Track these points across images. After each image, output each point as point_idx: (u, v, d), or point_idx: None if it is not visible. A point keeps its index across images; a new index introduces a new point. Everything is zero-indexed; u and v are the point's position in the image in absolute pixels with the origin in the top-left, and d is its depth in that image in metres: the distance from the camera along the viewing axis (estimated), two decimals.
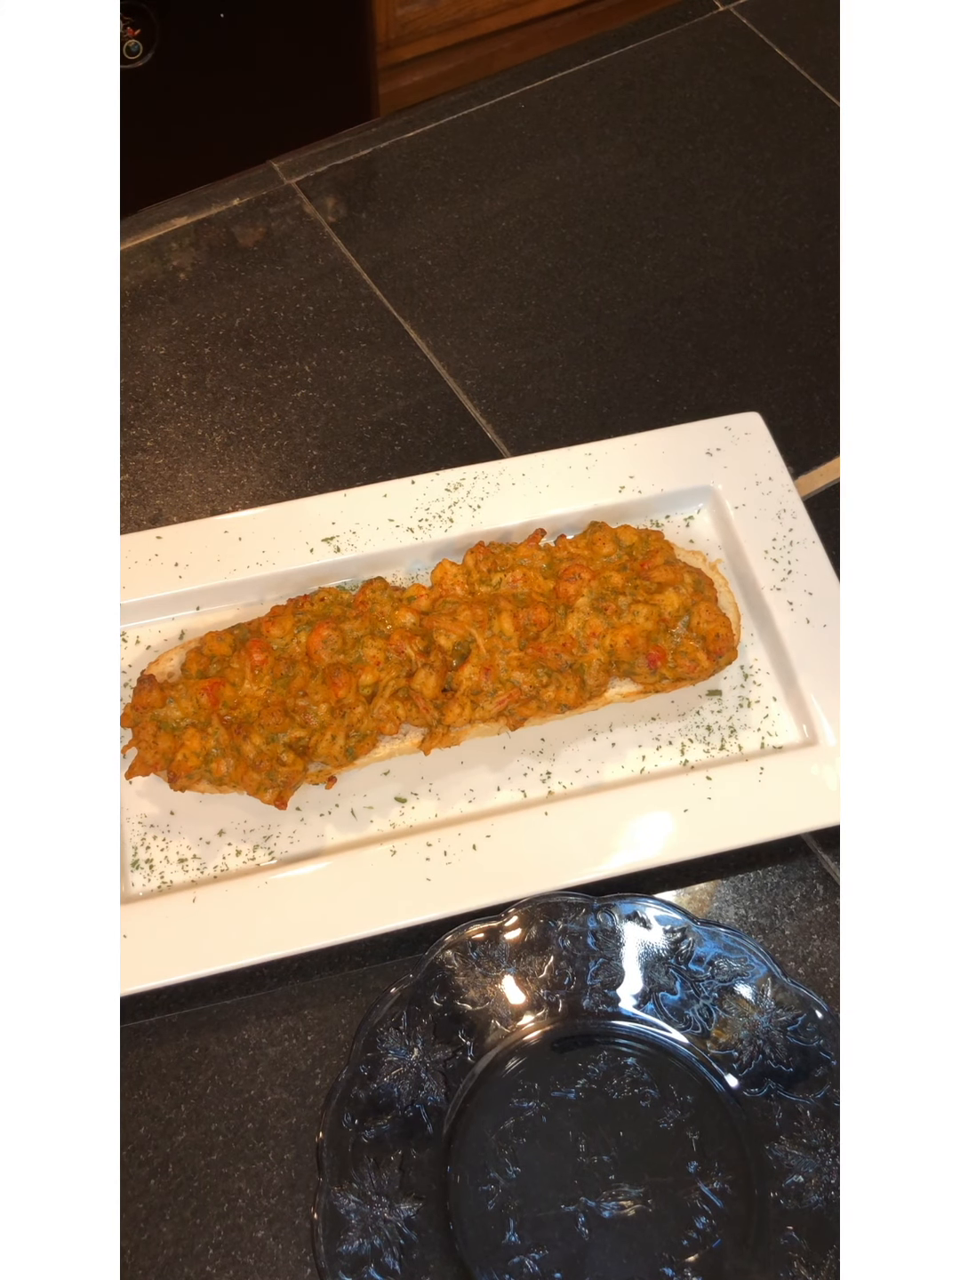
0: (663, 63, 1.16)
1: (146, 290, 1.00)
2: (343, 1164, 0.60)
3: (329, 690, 0.69)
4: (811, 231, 1.04)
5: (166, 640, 0.79)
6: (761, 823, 0.70)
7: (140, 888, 0.71)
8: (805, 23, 1.18)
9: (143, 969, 0.65)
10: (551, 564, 0.76)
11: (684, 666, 0.72)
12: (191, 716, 0.70)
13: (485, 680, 0.70)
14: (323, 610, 0.73)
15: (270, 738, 0.68)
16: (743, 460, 0.84)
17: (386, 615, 0.73)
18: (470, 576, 0.75)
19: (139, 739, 0.69)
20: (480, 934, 0.66)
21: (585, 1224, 0.61)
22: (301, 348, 0.97)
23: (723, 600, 0.77)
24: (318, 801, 0.73)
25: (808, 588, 0.79)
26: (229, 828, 0.73)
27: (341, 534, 0.81)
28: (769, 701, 0.77)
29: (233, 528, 0.81)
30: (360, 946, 0.70)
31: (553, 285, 1.01)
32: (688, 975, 0.66)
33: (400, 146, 1.11)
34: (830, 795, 0.71)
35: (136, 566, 0.79)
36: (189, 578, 0.79)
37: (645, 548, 0.76)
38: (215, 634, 0.73)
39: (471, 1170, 0.62)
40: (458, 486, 0.83)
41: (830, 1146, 0.62)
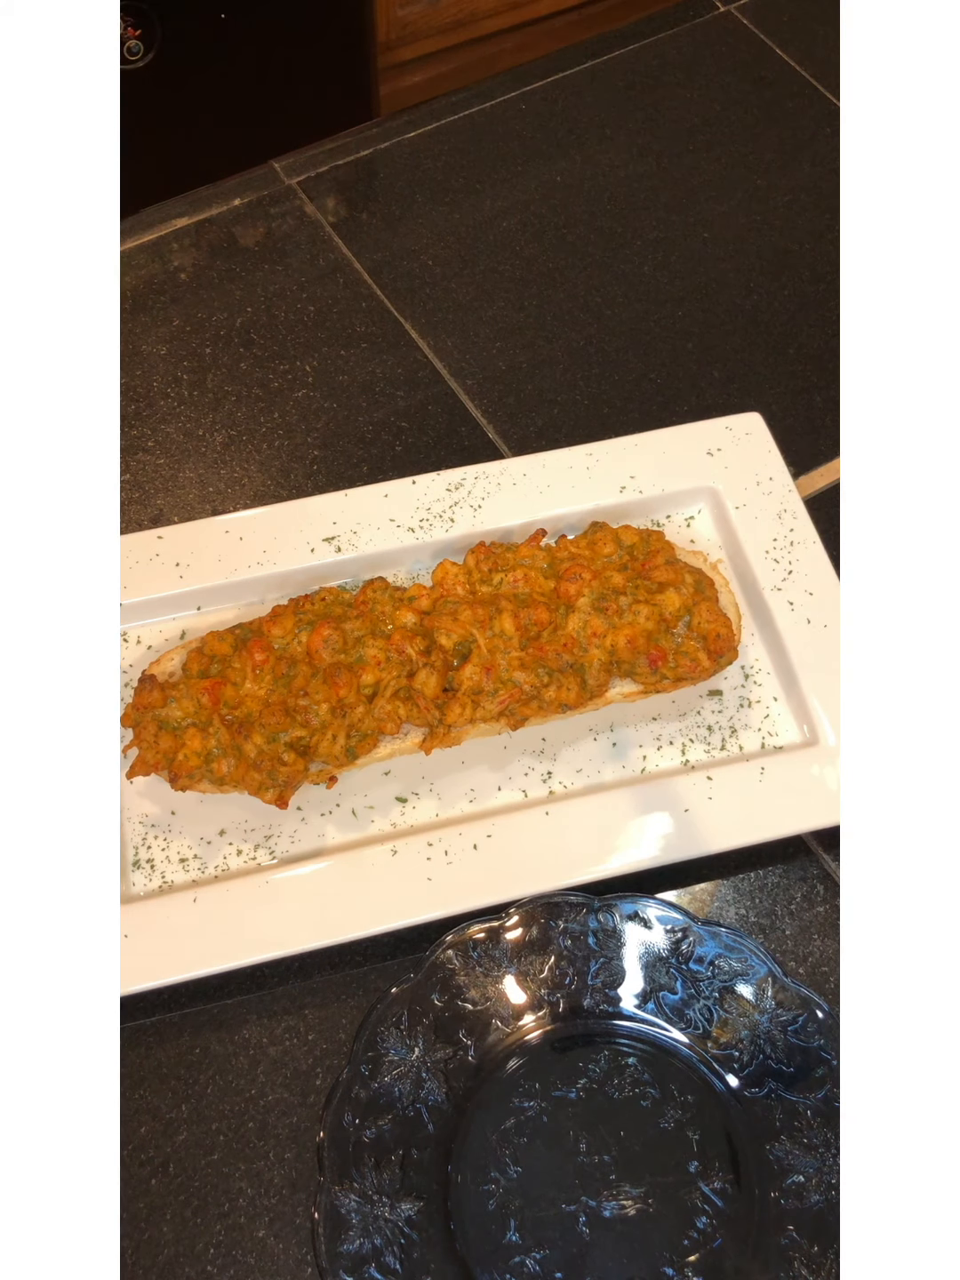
0: (664, 63, 1.16)
1: (147, 290, 1.01)
2: (344, 1163, 0.60)
3: (330, 690, 0.69)
4: (811, 231, 1.04)
5: (167, 640, 0.79)
6: (762, 823, 0.70)
7: (141, 887, 0.71)
8: (805, 23, 1.18)
9: (143, 969, 0.65)
10: (552, 564, 0.76)
11: (685, 666, 0.72)
12: (192, 716, 0.70)
13: (486, 680, 0.70)
14: (324, 610, 0.73)
15: (271, 737, 0.68)
16: (743, 460, 0.84)
17: (387, 615, 0.73)
18: (471, 576, 0.75)
19: (140, 739, 0.69)
20: (481, 934, 0.66)
21: (586, 1224, 0.61)
22: (302, 348, 0.97)
23: (723, 600, 0.77)
24: (319, 801, 0.73)
25: (808, 588, 0.79)
26: (230, 827, 0.73)
27: (343, 534, 0.81)
28: (770, 701, 0.77)
29: (234, 527, 0.81)
30: (361, 946, 0.70)
31: (553, 285, 1.01)
32: (688, 975, 0.66)
33: (401, 147, 1.11)
34: (830, 795, 0.71)
35: (138, 566, 0.79)
36: (190, 578, 0.79)
37: (646, 548, 0.77)
38: (216, 634, 0.73)
39: (472, 1170, 0.62)
40: (459, 486, 0.83)
41: (831, 1146, 0.62)
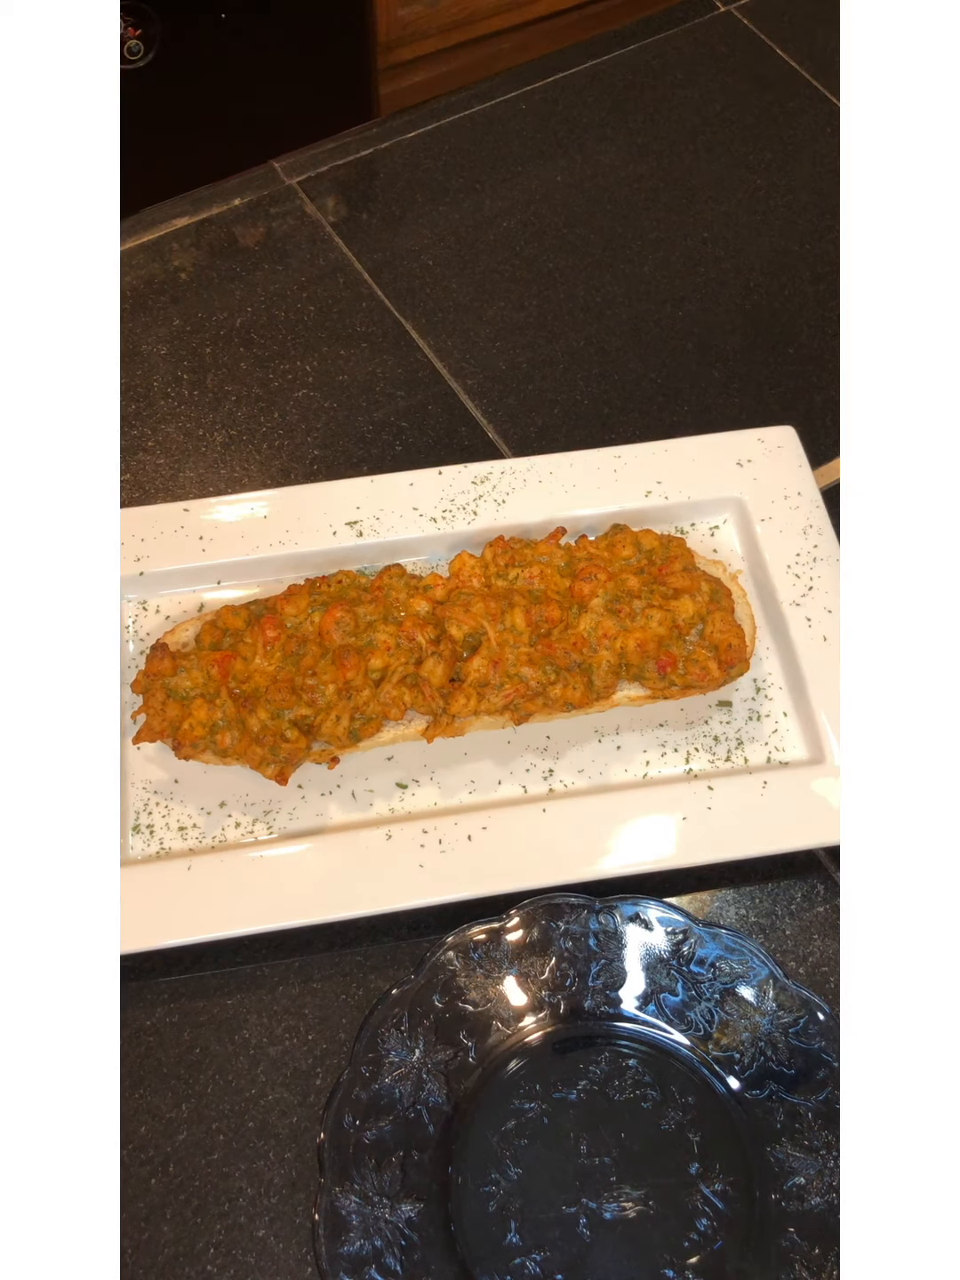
0: (664, 63, 1.16)
1: (148, 290, 1.00)
2: (344, 1165, 0.60)
3: (337, 671, 0.69)
4: (811, 231, 1.04)
5: (185, 612, 0.80)
6: (759, 837, 0.70)
7: (139, 852, 0.71)
8: (805, 23, 1.18)
9: (131, 933, 0.66)
10: (570, 563, 0.76)
11: (694, 674, 0.72)
12: (201, 687, 0.70)
13: (493, 673, 0.70)
14: (339, 592, 0.74)
15: (276, 713, 0.69)
16: (773, 473, 0.83)
17: (401, 602, 0.73)
18: (487, 570, 0.75)
19: (148, 705, 0.70)
20: (482, 935, 0.66)
21: (586, 1225, 0.61)
22: (302, 348, 0.97)
23: (740, 612, 0.76)
24: (320, 781, 0.74)
25: (827, 605, 0.78)
26: (231, 799, 0.73)
27: (365, 519, 0.81)
28: (779, 716, 0.77)
29: (258, 506, 0.81)
30: (362, 946, 0.70)
31: (554, 285, 1.01)
32: (689, 977, 0.66)
33: (401, 147, 1.11)
34: (831, 814, 0.70)
35: (161, 538, 0.80)
36: (212, 552, 0.80)
37: (665, 553, 0.76)
38: (230, 608, 0.74)
39: (473, 1171, 0.62)
40: (484, 480, 0.83)
41: (831, 1148, 0.62)
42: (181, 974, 0.69)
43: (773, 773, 0.72)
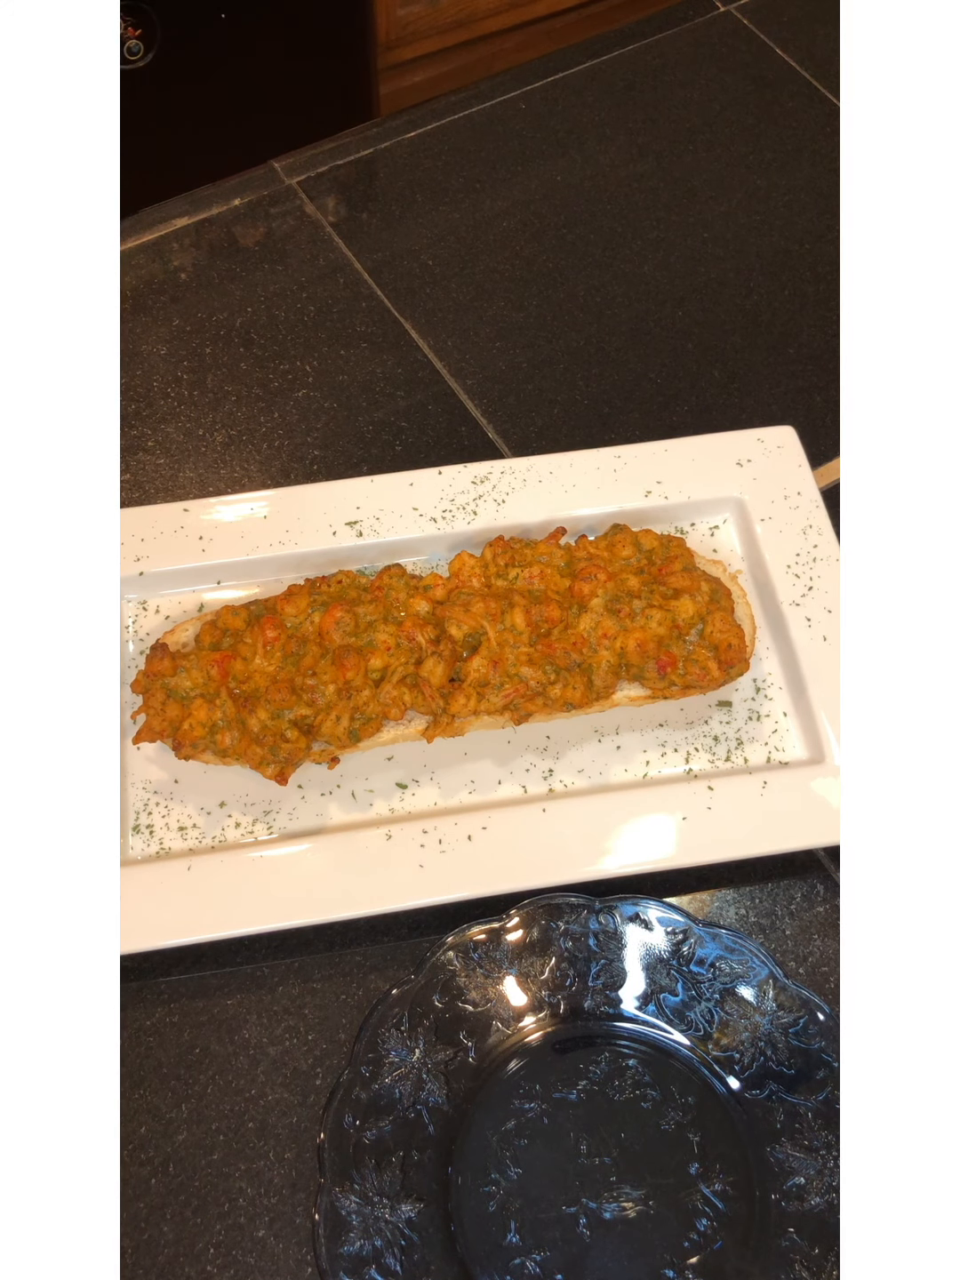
0: (664, 63, 1.16)
1: (147, 290, 1.00)
2: (344, 1165, 0.60)
3: (337, 671, 0.69)
4: (812, 231, 1.04)
5: (186, 612, 0.80)
6: (759, 837, 0.70)
7: (139, 852, 0.71)
8: (805, 23, 1.18)
9: (130, 933, 0.66)
10: (570, 563, 0.76)
11: (694, 674, 0.72)
12: (201, 687, 0.70)
13: (493, 673, 0.70)
14: (339, 592, 0.74)
15: (276, 714, 0.69)
16: (773, 473, 0.83)
17: (401, 602, 0.73)
18: (487, 569, 0.75)
19: (148, 705, 0.70)
20: (482, 935, 0.66)
21: (586, 1225, 0.61)
22: (302, 347, 0.97)
23: (740, 612, 0.76)
24: (320, 781, 0.74)
25: (827, 605, 0.78)
26: (231, 800, 0.73)
27: (365, 519, 0.81)
28: (779, 717, 0.77)
29: (258, 506, 0.81)
30: (362, 946, 0.70)
31: (553, 285, 1.01)
32: (689, 977, 0.66)
33: (401, 147, 1.11)
34: (832, 814, 0.70)
35: (161, 538, 0.80)
36: (212, 552, 0.80)
37: (665, 553, 0.76)
38: (230, 608, 0.74)
39: (473, 1171, 0.62)
40: (484, 480, 0.83)
41: (831, 1148, 0.62)
42: (181, 974, 0.69)
43: (773, 773, 0.72)
